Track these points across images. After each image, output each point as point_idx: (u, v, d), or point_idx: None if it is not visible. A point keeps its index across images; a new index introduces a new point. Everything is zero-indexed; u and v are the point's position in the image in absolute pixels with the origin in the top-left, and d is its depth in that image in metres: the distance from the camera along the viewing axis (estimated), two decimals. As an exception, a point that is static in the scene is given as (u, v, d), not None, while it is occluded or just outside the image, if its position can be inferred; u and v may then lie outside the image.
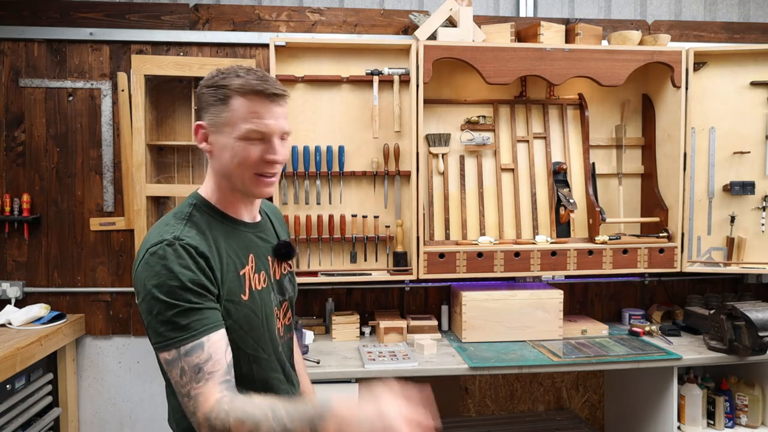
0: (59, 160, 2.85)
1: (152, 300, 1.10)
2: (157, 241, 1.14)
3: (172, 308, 1.10)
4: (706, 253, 2.92)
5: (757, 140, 2.86)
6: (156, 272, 1.11)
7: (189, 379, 1.09)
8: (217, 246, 1.20)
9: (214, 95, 1.20)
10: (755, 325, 2.41)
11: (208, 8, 2.88)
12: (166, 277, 1.10)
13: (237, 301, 1.20)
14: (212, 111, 1.21)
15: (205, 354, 1.10)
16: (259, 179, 1.23)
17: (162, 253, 1.12)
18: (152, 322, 1.11)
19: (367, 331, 2.85)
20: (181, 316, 1.10)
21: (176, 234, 1.15)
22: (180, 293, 1.10)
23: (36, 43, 2.82)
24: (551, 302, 2.72)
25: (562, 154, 2.94)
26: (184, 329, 1.09)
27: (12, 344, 2.40)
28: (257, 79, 1.20)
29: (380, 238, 2.75)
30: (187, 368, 1.09)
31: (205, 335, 1.11)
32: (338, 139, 2.74)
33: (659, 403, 2.59)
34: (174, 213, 1.23)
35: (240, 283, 1.21)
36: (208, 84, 1.22)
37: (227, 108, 1.19)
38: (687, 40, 3.11)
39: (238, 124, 1.19)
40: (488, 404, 3.14)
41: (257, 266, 1.28)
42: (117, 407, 2.95)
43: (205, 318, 1.12)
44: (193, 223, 1.20)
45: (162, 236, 1.15)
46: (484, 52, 2.62)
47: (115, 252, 2.89)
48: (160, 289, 1.10)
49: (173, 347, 1.10)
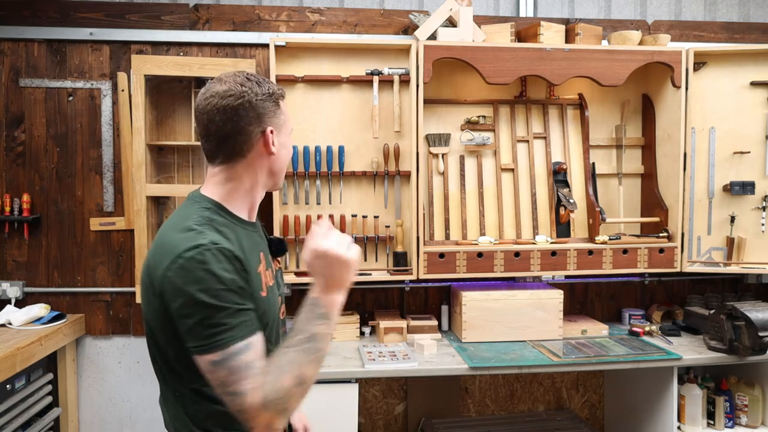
0: (59, 160, 2.85)
1: (196, 305, 1.11)
2: (191, 246, 1.14)
3: (220, 311, 1.11)
4: (706, 253, 2.92)
5: (757, 140, 2.86)
6: (199, 277, 1.11)
7: (241, 376, 1.10)
8: (242, 247, 1.23)
9: (271, 100, 1.29)
10: (755, 325, 2.41)
11: (208, 8, 2.88)
12: (210, 282, 1.11)
13: (257, 297, 1.23)
14: (273, 116, 1.29)
15: (253, 352, 1.12)
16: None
17: (201, 258, 1.12)
18: (195, 327, 1.11)
19: (367, 331, 2.85)
20: (231, 318, 1.12)
21: (211, 239, 1.16)
22: (226, 295, 1.12)
23: (36, 43, 2.82)
24: (551, 302, 2.72)
25: (562, 154, 2.94)
26: (234, 329, 1.12)
27: (12, 344, 2.40)
28: (276, 85, 1.33)
29: (380, 238, 2.75)
30: (239, 366, 1.10)
31: (253, 334, 1.14)
32: (338, 139, 2.74)
33: (659, 403, 2.59)
34: (193, 218, 1.21)
35: (259, 281, 1.26)
36: (264, 92, 1.28)
37: (281, 111, 1.31)
38: (687, 40, 3.11)
39: (287, 124, 1.33)
40: (488, 404, 3.14)
41: (267, 264, 1.33)
42: (117, 407, 2.95)
43: (250, 319, 1.15)
44: (216, 227, 1.21)
45: (196, 241, 1.14)
46: (484, 52, 2.62)
47: (115, 252, 2.89)
48: (206, 294, 1.11)
49: (222, 348, 1.10)
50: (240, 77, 1.28)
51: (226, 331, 1.11)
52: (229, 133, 1.26)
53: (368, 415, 3.04)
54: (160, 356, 1.24)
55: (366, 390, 3.02)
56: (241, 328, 1.12)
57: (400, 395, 3.06)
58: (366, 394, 3.03)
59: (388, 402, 3.06)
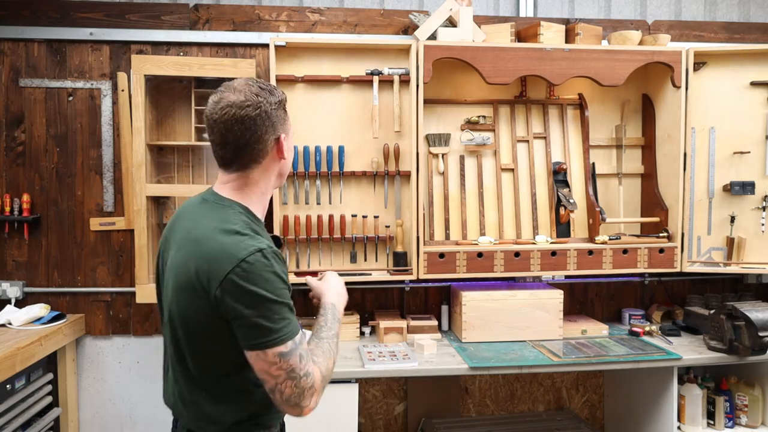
0: (59, 160, 2.85)
1: (267, 302, 1.22)
2: (254, 250, 1.23)
3: (284, 307, 1.25)
4: (706, 253, 2.92)
5: (757, 140, 2.86)
6: (266, 278, 1.23)
7: (307, 360, 1.27)
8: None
9: (281, 108, 1.37)
10: (755, 325, 2.41)
11: (208, 8, 2.88)
12: (276, 282, 1.24)
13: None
14: (284, 123, 1.38)
15: (305, 339, 1.31)
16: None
17: (266, 261, 1.24)
18: (264, 323, 1.22)
19: (367, 331, 2.85)
20: (290, 313, 1.27)
21: (267, 243, 1.27)
22: (286, 293, 1.27)
23: (36, 43, 2.82)
24: (551, 302, 2.72)
25: (562, 154, 2.94)
26: (293, 323, 1.26)
27: (12, 344, 2.40)
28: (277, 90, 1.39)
29: (380, 238, 2.75)
30: (304, 353, 1.26)
31: (300, 328, 1.31)
32: (338, 139, 2.74)
33: (659, 403, 2.60)
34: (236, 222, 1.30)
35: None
36: (276, 101, 1.35)
37: (287, 117, 1.39)
38: (687, 40, 3.11)
39: (292, 127, 1.43)
40: (488, 404, 3.14)
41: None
42: (117, 407, 2.95)
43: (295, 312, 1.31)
44: (254, 230, 1.31)
45: (255, 246, 1.24)
46: (484, 52, 2.62)
47: (115, 252, 2.89)
48: (274, 293, 1.23)
49: (290, 339, 1.24)
50: (254, 86, 1.32)
51: (290, 324, 1.25)
52: (247, 141, 1.31)
53: (368, 415, 3.04)
54: (196, 356, 1.31)
55: (366, 390, 3.02)
56: (295, 321, 1.27)
57: (400, 395, 3.06)
58: (366, 394, 3.03)
59: (388, 402, 3.06)
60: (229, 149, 1.32)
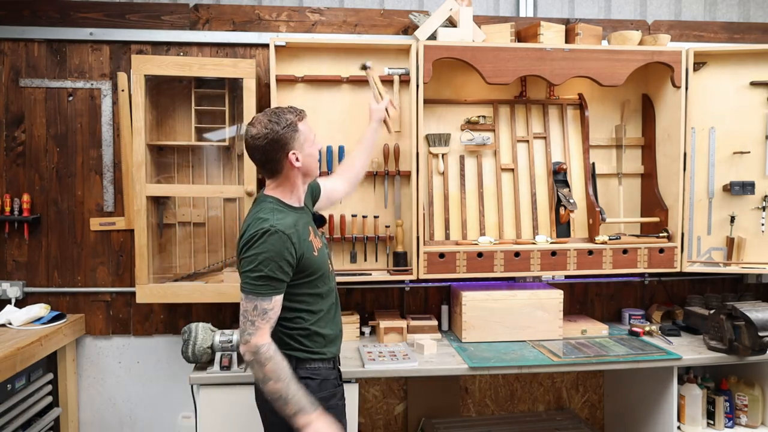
0: (59, 160, 2.85)
1: (254, 262, 1.73)
2: (265, 229, 1.74)
3: (264, 272, 1.73)
4: (706, 253, 2.92)
5: (757, 140, 2.86)
6: (264, 249, 1.73)
7: (257, 314, 1.73)
8: (296, 227, 1.81)
9: (289, 130, 1.82)
10: (755, 325, 2.41)
11: (208, 8, 2.88)
12: (270, 254, 1.73)
13: (311, 257, 1.85)
14: (294, 139, 1.83)
15: (271, 305, 1.75)
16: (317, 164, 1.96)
17: (271, 237, 1.73)
18: (248, 274, 1.74)
19: (367, 331, 2.85)
20: (268, 280, 1.73)
21: (274, 224, 1.75)
22: (275, 268, 1.73)
23: (36, 43, 2.82)
24: (551, 302, 2.72)
25: (562, 154, 2.94)
26: (266, 287, 1.74)
27: (12, 344, 2.40)
28: (293, 109, 1.87)
29: (380, 238, 2.75)
30: (259, 308, 1.73)
31: (276, 295, 1.76)
32: (338, 139, 2.74)
33: (659, 403, 2.60)
34: (264, 211, 1.82)
35: (311, 246, 1.87)
36: (283, 126, 1.81)
37: (300, 133, 1.84)
38: (687, 40, 3.11)
39: (309, 138, 1.87)
40: (488, 404, 3.14)
41: (314, 234, 1.93)
42: (117, 407, 2.95)
43: (280, 286, 1.77)
44: (279, 214, 1.81)
45: (264, 227, 1.75)
46: (484, 52, 2.62)
47: (115, 252, 2.89)
48: (262, 258, 1.72)
49: (257, 294, 1.73)
50: (264, 119, 1.82)
51: (261, 287, 1.73)
52: (265, 161, 1.85)
53: (368, 415, 3.04)
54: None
55: (366, 390, 3.02)
56: (269, 287, 1.74)
57: (400, 395, 3.06)
58: (366, 394, 3.03)
59: (388, 402, 3.06)
60: (259, 166, 1.88)
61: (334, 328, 1.98)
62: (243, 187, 2.61)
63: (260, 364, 1.71)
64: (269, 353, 1.72)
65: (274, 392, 1.72)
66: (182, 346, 2.31)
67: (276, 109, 1.85)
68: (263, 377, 1.72)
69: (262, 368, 1.71)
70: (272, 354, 1.73)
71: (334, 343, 1.97)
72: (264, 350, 1.72)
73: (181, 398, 2.95)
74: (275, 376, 1.71)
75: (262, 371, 1.72)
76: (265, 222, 1.76)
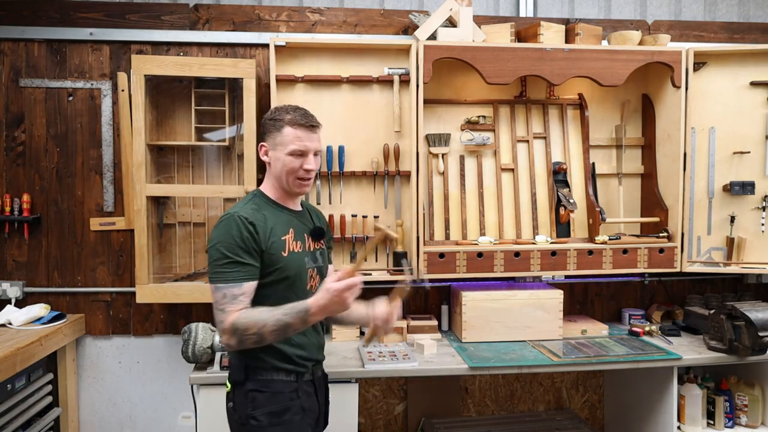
0: (59, 160, 2.85)
1: (215, 250, 1.69)
2: (226, 214, 1.73)
3: (227, 258, 1.68)
4: (706, 253, 2.92)
5: (757, 140, 2.86)
6: (222, 233, 1.70)
7: (227, 301, 1.66)
8: (265, 218, 1.76)
9: (273, 125, 1.79)
10: (755, 325, 2.41)
11: (208, 8, 2.88)
12: (226, 237, 1.69)
13: (279, 255, 1.76)
14: (271, 135, 1.80)
15: (242, 290, 1.68)
16: (299, 182, 1.81)
17: (228, 222, 1.71)
18: (214, 263, 1.69)
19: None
20: (233, 265, 1.68)
21: (236, 210, 1.74)
22: (235, 249, 1.68)
23: (36, 43, 2.82)
24: (551, 302, 2.72)
25: (562, 154, 2.94)
26: (234, 272, 1.68)
27: (12, 344, 2.40)
28: (302, 116, 1.79)
29: (380, 238, 2.75)
30: (229, 295, 1.66)
31: (246, 282, 1.69)
32: (338, 139, 2.74)
33: (659, 403, 2.60)
34: (239, 202, 1.82)
35: (282, 245, 1.78)
36: (270, 117, 1.81)
37: (281, 134, 1.78)
38: (687, 40, 3.11)
39: (288, 145, 1.77)
40: (488, 404, 3.14)
41: (296, 236, 1.83)
42: (117, 407, 2.95)
43: (249, 271, 1.70)
44: (252, 203, 1.80)
45: (230, 212, 1.74)
46: (484, 52, 2.62)
47: (115, 252, 2.89)
48: (222, 244, 1.69)
49: (225, 282, 1.67)
50: (282, 105, 1.83)
51: (227, 273, 1.67)
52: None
53: (368, 415, 3.04)
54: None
55: (366, 390, 3.02)
56: (237, 272, 1.68)
57: (400, 395, 3.06)
58: (366, 394, 3.03)
59: (388, 402, 3.06)
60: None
61: (300, 345, 1.81)
62: (243, 187, 2.61)
63: (246, 333, 1.62)
64: (244, 318, 1.63)
65: (277, 332, 1.63)
66: (182, 346, 2.31)
67: (289, 106, 1.82)
68: (259, 338, 1.63)
69: (251, 334, 1.62)
70: (246, 315, 1.63)
71: (293, 361, 1.79)
72: (240, 321, 1.62)
73: (181, 398, 2.95)
74: (263, 325, 1.61)
75: (253, 335, 1.62)
76: (230, 210, 1.76)
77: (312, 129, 1.79)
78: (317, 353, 1.90)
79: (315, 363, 1.88)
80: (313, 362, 1.86)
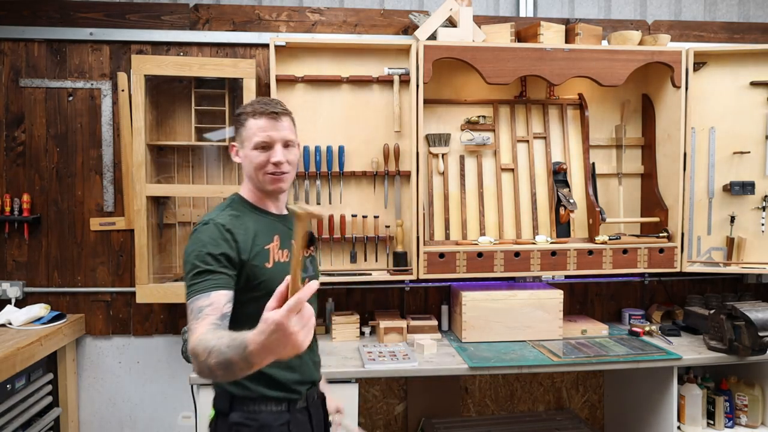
0: (59, 160, 2.85)
1: (187, 262, 1.46)
2: (201, 223, 1.53)
3: (196, 268, 1.43)
4: (706, 253, 2.92)
5: (757, 140, 2.86)
6: (194, 243, 1.48)
7: (193, 317, 1.36)
8: (246, 226, 1.55)
9: (238, 121, 1.62)
10: (755, 325, 2.41)
11: (208, 8, 2.88)
12: (198, 246, 1.46)
13: (262, 267, 1.53)
14: (238, 132, 1.62)
15: (209, 301, 1.38)
16: (270, 177, 1.59)
17: (200, 230, 1.50)
18: (186, 278, 1.44)
19: (367, 331, 2.85)
20: (201, 275, 1.43)
21: (211, 217, 1.54)
22: (205, 257, 1.44)
23: (36, 43, 2.82)
24: (551, 302, 2.72)
25: (562, 154, 2.94)
26: (201, 284, 1.41)
27: (12, 344, 2.40)
28: (263, 104, 1.58)
29: (380, 238, 2.75)
30: (194, 309, 1.37)
31: (214, 290, 1.41)
32: (338, 139, 2.74)
33: (659, 403, 2.59)
34: (215, 208, 1.62)
35: (265, 255, 1.56)
36: (236, 114, 1.63)
37: (245, 128, 1.59)
38: (687, 40, 3.11)
39: (252, 138, 1.58)
40: (488, 404, 3.14)
41: (282, 245, 1.61)
42: (117, 407, 2.95)
43: (218, 279, 1.43)
44: (230, 209, 1.58)
45: (204, 219, 1.54)
46: (484, 52, 2.62)
47: (115, 252, 2.89)
48: (193, 254, 1.46)
49: (192, 297, 1.40)
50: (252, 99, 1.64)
51: (196, 284, 1.42)
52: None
53: (368, 415, 3.04)
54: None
55: (366, 390, 3.02)
56: (205, 283, 1.41)
57: (400, 395, 3.06)
58: (366, 394, 3.03)
59: (388, 402, 3.06)
60: None
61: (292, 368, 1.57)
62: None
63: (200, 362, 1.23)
64: (199, 341, 1.25)
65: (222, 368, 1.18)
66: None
67: (255, 98, 1.64)
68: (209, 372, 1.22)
69: (201, 362, 1.22)
70: (204, 337, 1.25)
71: (286, 387, 1.56)
72: (195, 344, 1.25)
73: (181, 398, 2.95)
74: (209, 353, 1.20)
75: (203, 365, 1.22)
76: (205, 217, 1.55)
77: (276, 117, 1.57)
78: (312, 373, 1.66)
79: (310, 386, 1.64)
80: (308, 385, 1.63)
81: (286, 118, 1.60)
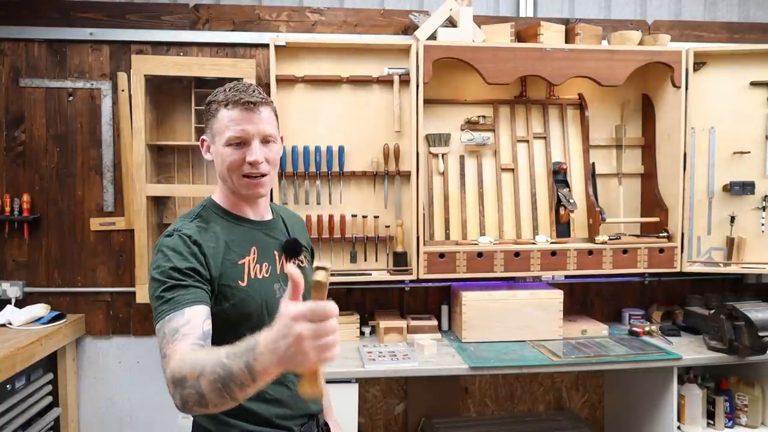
0: (59, 160, 2.85)
1: (151, 280, 1.25)
2: (165, 234, 1.31)
3: (162, 284, 1.21)
4: (706, 253, 2.92)
5: (757, 140, 2.86)
6: (156, 259, 1.26)
7: (167, 341, 1.14)
8: (216, 237, 1.32)
9: (209, 111, 1.36)
10: (755, 325, 2.41)
11: (208, 8, 2.88)
12: (161, 261, 1.25)
13: (234, 287, 1.31)
14: (209, 125, 1.36)
15: (183, 320, 1.16)
16: (247, 180, 1.34)
17: (163, 243, 1.28)
18: (152, 299, 1.23)
19: (367, 331, 2.85)
20: (169, 291, 1.20)
21: (177, 227, 1.31)
22: (170, 272, 1.22)
23: (36, 43, 2.82)
24: (551, 302, 2.72)
25: (562, 154, 2.94)
26: (170, 302, 1.19)
27: (12, 344, 2.40)
28: (236, 91, 1.32)
29: (380, 238, 2.75)
30: (167, 332, 1.15)
31: (187, 306, 1.19)
32: (338, 139, 2.74)
33: (659, 403, 2.60)
34: (185, 213, 1.39)
35: (238, 271, 1.32)
36: (206, 102, 1.37)
37: (216, 120, 1.33)
38: (687, 40, 3.11)
39: (224, 133, 1.32)
40: (488, 404, 3.14)
41: (260, 257, 1.37)
42: (117, 407, 2.95)
43: (190, 294, 1.21)
44: (198, 219, 1.35)
45: (168, 229, 1.32)
46: (483, 52, 2.62)
47: (115, 252, 2.89)
48: (156, 271, 1.24)
49: (161, 318, 1.18)
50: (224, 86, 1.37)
51: (164, 303, 1.20)
52: None
53: (368, 415, 3.04)
54: None
55: (366, 390, 3.02)
56: (176, 300, 1.19)
57: (400, 395, 3.06)
58: (366, 394, 3.03)
59: (388, 402, 3.06)
60: None
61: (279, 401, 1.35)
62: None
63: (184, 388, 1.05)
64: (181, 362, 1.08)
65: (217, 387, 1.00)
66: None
67: (229, 83, 1.37)
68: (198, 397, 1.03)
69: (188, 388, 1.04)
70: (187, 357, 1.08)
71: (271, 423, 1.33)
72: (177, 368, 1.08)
73: (181, 398, 2.95)
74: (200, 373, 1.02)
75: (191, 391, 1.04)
76: (169, 229, 1.33)
77: (252, 107, 1.30)
78: (307, 406, 1.39)
79: (305, 421, 1.39)
80: (301, 421, 1.38)
81: (265, 108, 1.33)
